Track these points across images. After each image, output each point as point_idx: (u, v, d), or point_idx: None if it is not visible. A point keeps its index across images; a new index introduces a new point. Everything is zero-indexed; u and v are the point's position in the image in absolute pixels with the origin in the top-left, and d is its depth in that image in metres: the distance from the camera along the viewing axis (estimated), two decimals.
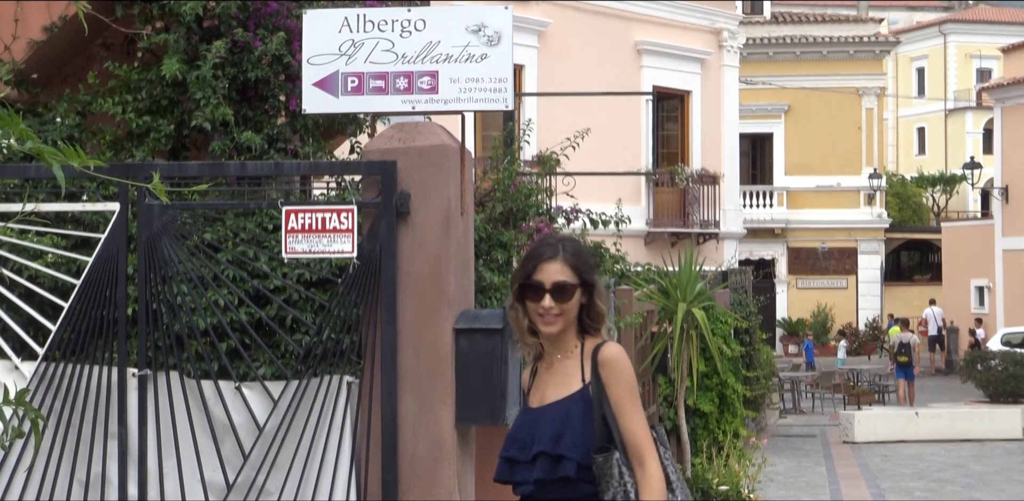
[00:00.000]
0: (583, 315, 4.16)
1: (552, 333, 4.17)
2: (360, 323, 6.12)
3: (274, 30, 7.53)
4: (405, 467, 6.06)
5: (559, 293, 4.09)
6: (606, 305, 4.15)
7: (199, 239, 6.34)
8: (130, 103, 7.52)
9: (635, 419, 4.02)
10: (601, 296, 4.13)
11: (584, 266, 4.14)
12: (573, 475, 4.02)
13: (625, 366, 4.07)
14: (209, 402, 6.16)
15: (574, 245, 4.21)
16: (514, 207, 7.85)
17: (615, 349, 4.10)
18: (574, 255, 4.14)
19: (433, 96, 6.26)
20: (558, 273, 4.10)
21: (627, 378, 4.06)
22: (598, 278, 4.14)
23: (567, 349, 4.16)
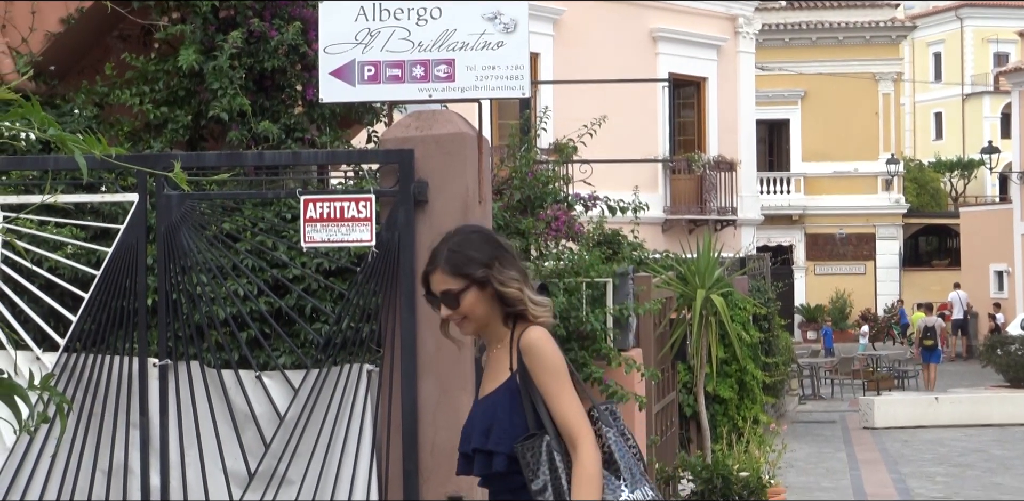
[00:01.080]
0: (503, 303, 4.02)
1: (468, 334, 4.14)
2: (379, 311, 6.13)
3: (290, 20, 7.55)
4: (425, 455, 6.07)
5: (448, 301, 4.01)
6: (521, 284, 3.95)
7: (218, 229, 6.35)
8: (147, 94, 7.54)
9: (563, 402, 3.86)
10: (505, 281, 3.94)
11: (465, 264, 3.97)
12: (503, 469, 3.92)
13: (545, 349, 3.90)
14: (230, 391, 6.18)
15: (456, 243, 4.04)
16: (532, 195, 7.86)
17: (534, 334, 3.93)
18: (450, 258, 3.99)
19: (450, 84, 6.26)
20: (441, 283, 4.01)
21: (549, 361, 3.89)
22: (494, 264, 3.94)
23: (499, 339, 4.05)
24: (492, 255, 3.97)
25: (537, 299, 3.97)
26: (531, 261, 7.55)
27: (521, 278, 3.97)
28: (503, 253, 3.99)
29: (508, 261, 3.98)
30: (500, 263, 3.96)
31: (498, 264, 3.96)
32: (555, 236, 8.09)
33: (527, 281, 4.00)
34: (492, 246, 4.00)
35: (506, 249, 4.02)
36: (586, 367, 7.37)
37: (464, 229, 4.24)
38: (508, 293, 3.95)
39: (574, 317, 7.34)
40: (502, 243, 4.04)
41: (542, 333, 3.91)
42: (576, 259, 7.72)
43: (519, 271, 3.99)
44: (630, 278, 8.01)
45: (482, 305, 4.00)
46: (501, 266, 3.96)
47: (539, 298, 3.99)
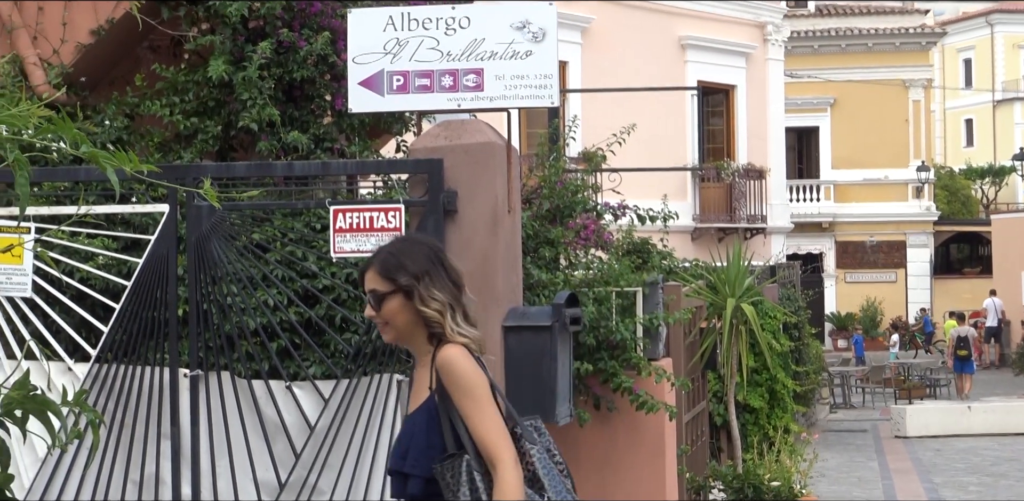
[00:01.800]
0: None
1: (388, 341, 4.05)
2: None
3: (319, 30, 7.56)
4: None
5: (374, 302, 3.89)
6: (444, 307, 3.81)
7: (247, 239, 6.37)
8: (177, 105, 7.56)
9: (480, 421, 3.74)
10: (427, 299, 3.81)
11: (394, 269, 3.85)
12: (418, 493, 3.82)
13: (459, 368, 3.77)
14: (260, 402, 6.19)
15: (395, 247, 3.95)
16: (561, 204, 7.84)
17: (448, 352, 3.80)
18: (384, 260, 3.89)
19: (478, 93, 6.26)
20: (371, 281, 3.90)
21: (463, 380, 3.76)
22: (423, 279, 3.82)
23: (422, 355, 3.93)
24: (424, 269, 3.83)
25: (462, 328, 3.84)
26: (560, 271, 7.53)
27: (448, 301, 3.83)
28: (438, 272, 3.85)
29: (439, 281, 3.83)
30: (430, 279, 3.82)
31: (427, 280, 3.82)
32: (584, 245, 8.07)
33: (458, 308, 3.86)
34: (430, 262, 3.86)
35: (445, 269, 3.88)
36: (616, 377, 7.34)
37: (416, 238, 4.17)
38: (426, 313, 3.82)
39: (604, 327, 7.32)
40: (444, 263, 3.90)
41: (458, 351, 3.79)
42: (606, 268, 7.70)
43: (450, 294, 3.84)
44: (660, 287, 7.99)
45: (404, 315, 3.87)
46: (430, 283, 3.82)
47: (465, 327, 3.85)
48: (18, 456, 6.25)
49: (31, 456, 6.27)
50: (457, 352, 3.78)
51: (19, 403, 1.94)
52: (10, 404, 1.94)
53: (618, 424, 7.64)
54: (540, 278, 7.19)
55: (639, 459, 7.65)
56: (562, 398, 6.24)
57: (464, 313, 3.88)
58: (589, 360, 7.32)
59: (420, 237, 4.21)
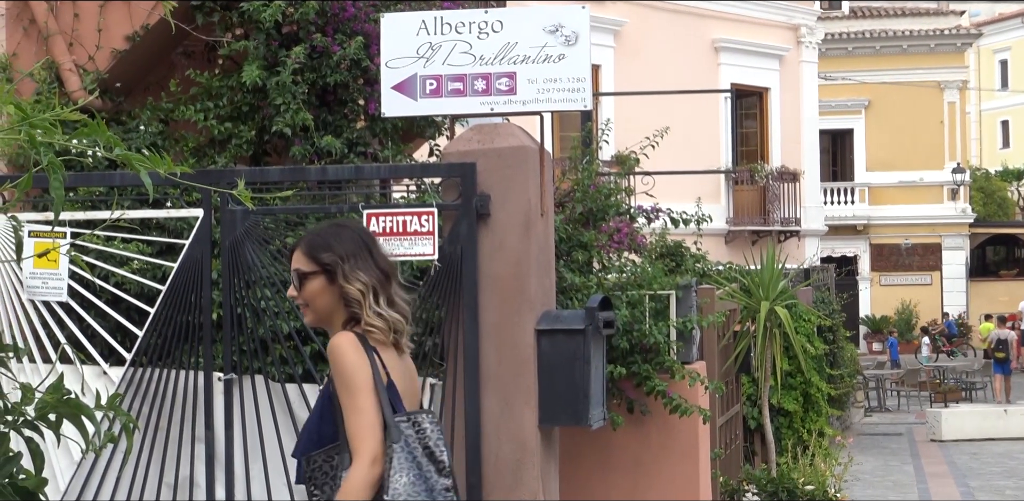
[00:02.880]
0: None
1: (308, 323, 4.04)
2: (442, 325, 6.14)
3: (352, 34, 7.58)
4: (489, 468, 6.06)
5: (298, 281, 3.90)
6: (367, 289, 3.80)
7: (281, 243, 6.39)
8: (211, 110, 7.60)
9: (350, 413, 3.64)
10: (351, 278, 3.79)
11: (319, 249, 3.86)
12: (300, 481, 3.80)
13: (340, 357, 3.70)
14: (294, 405, 6.20)
15: (323, 230, 3.94)
16: (594, 207, 7.83)
17: (336, 340, 3.77)
18: (310, 241, 3.91)
19: (511, 97, 6.26)
20: (296, 261, 3.92)
21: (342, 369, 3.69)
22: (348, 260, 3.81)
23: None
24: (351, 252, 3.83)
25: (381, 309, 3.79)
26: (594, 274, 7.52)
27: (372, 284, 3.80)
28: (364, 256, 3.83)
29: (364, 264, 3.82)
30: (355, 261, 3.81)
31: (352, 261, 3.81)
32: (618, 248, 8.06)
33: (382, 293, 3.83)
34: (357, 246, 3.85)
35: (372, 255, 3.87)
36: (649, 380, 7.33)
37: (346, 223, 4.14)
38: (348, 290, 3.79)
39: (637, 330, 7.30)
40: (372, 249, 3.89)
41: (346, 340, 3.73)
42: (639, 271, 7.69)
43: (375, 278, 3.82)
44: (693, 290, 7.97)
45: (325, 298, 3.87)
46: (355, 264, 3.81)
47: (385, 310, 3.80)
48: (53, 459, 6.29)
49: (67, 459, 6.31)
50: (344, 340, 3.72)
51: (53, 407, 1.96)
52: (44, 408, 1.95)
53: (651, 427, 7.63)
54: (573, 281, 7.18)
55: (672, 462, 7.63)
56: (595, 401, 6.23)
57: (389, 299, 3.83)
58: (622, 363, 7.31)
59: (351, 222, 4.16)
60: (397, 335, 3.86)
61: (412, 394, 3.94)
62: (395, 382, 3.76)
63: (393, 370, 3.79)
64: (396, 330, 3.85)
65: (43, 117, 2.05)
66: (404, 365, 3.91)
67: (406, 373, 3.89)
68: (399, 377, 3.81)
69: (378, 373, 3.70)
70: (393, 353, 3.84)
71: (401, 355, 3.92)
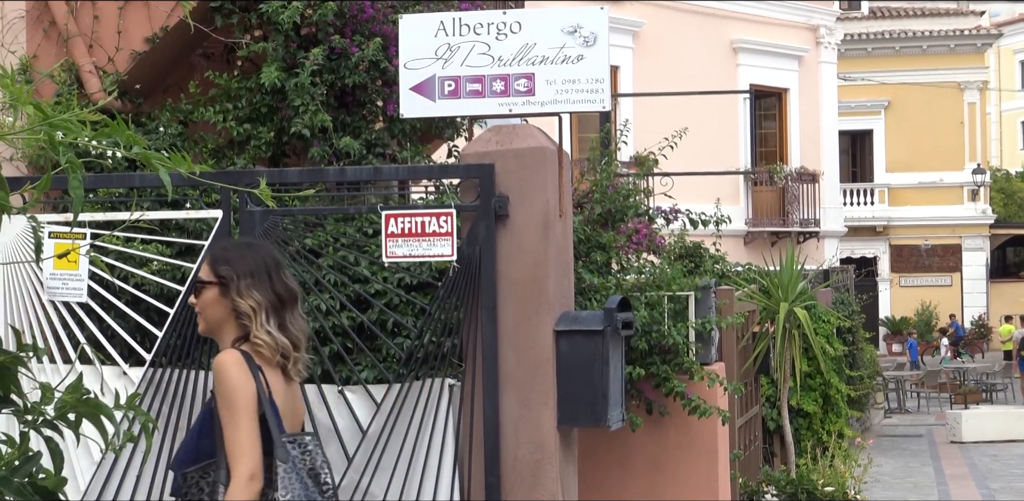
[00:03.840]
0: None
1: (200, 331, 4.08)
2: (460, 326, 6.14)
3: (370, 36, 7.60)
4: (508, 469, 6.07)
5: (196, 290, 4.01)
6: (259, 308, 3.86)
7: (300, 245, 6.40)
8: (230, 111, 7.62)
9: (229, 432, 3.69)
10: (243, 293, 3.86)
11: (220, 262, 3.94)
12: (175, 492, 3.86)
13: (222, 374, 3.76)
14: (313, 406, 6.21)
15: (232, 245, 4.06)
16: (612, 208, 7.83)
17: (220, 357, 3.83)
18: (216, 253, 4.01)
19: (530, 98, 6.26)
20: (201, 270, 4.04)
21: (225, 387, 3.73)
22: (244, 276, 3.88)
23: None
24: (249, 271, 3.89)
25: (270, 328, 3.84)
26: (612, 275, 7.52)
27: (264, 305, 3.86)
28: (262, 278, 3.89)
29: (261, 286, 3.87)
30: (252, 280, 3.88)
31: (249, 280, 3.88)
32: (636, 249, 8.06)
33: (274, 316, 3.87)
34: (257, 267, 3.91)
35: (272, 280, 3.92)
36: (668, 381, 7.32)
37: (260, 246, 4.18)
38: (239, 304, 3.86)
39: (656, 331, 7.30)
40: (274, 274, 3.94)
41: (231, 357, 3.78)
42: (657, 272, 7.68)
43: (268, 301, 3.87)
44: (712, 291, 7.96)
45: (216, 309, 3.94)
46: (250, 284, 3.87)
47: (275, 331, 3.84)
48: (74, 459, 6.31)
49: (87, 459, 6.33)
50: (229, 358, 3.77)
51: (72, 406, 1.97)
52: (64, 407, 1.96)
53: (670, 428, 7.63)
54: (592, 282, 7.19)
55: (691, 464, 7.63)
56: (614, 402, 6.23)
57: (281, 323, 3.87)
58: (641, 364, 7.31)
59: (262, 246, 4.20)
60: (285, 359, 3.88)
61: (294, 418, 4.00)
62: (278, 402, 3.80)
63: (276, 392, 3.83)
64: (284, 354, 3.88)
65: (63, 117, 2.06)
66: (289, 390, 3.95)
67: (289, 397, 3.93)
68: (281, 399, 3.84)
69: (263, 391, 3.75)
70: (279, 376, 3.88)
71: (288, 382, 3.96)
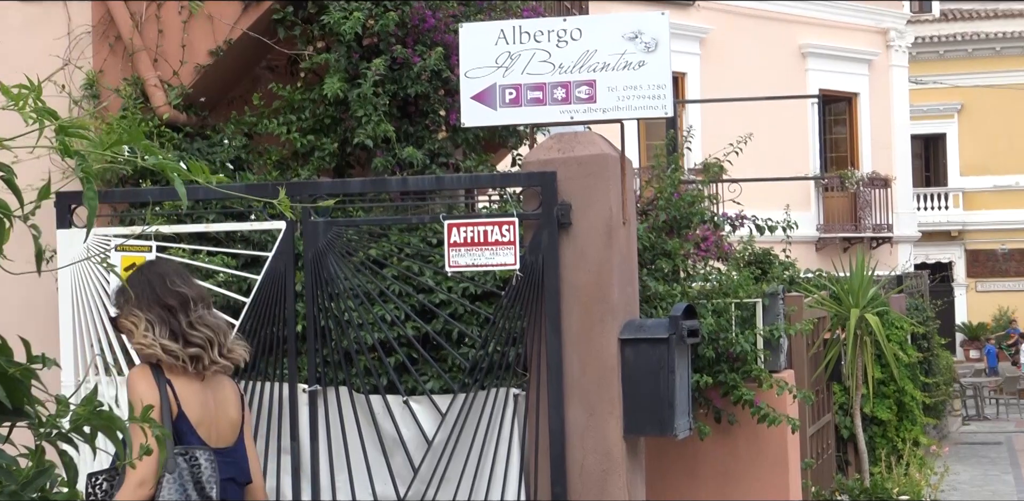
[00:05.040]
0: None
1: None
2: (524, 335, 6.11)
3: (432, 45, 7.59)
4: (574, 479, 6.02)
5: (115, 328, 4.26)
6: (139, 321, 4.01)
7: (364, 255, 6.40)
8: (294, 123, 7.64)
9: (131, 439, 3.69)
10: (124, 312, 4.04)
11: (117, 296, 4.13)
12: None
13: (129, 387, 3.94)
14: (378, 416, 6.21)
15: (129, 276, 4.16)
16: (677, 215, 7.76)
17: (130, 372, 4.03)
18: (116, 291, 4.19)
19: (591, 105, 6.22)
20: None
21: (130, 398, 3.90)
22: (129, 300, 4.04)
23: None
24: (133, 292, 4.03)
25: (156, 340, 3.94)
26: (678, 283, 7.45)
27: (147, 318, 3.98)
28: (146, 292, 4.02)
29: (144, 300, 4.00)
30: (137, 299, 4.01)
31: (134, 300, 4.01)
32: (703, 257, 7.99)
33: (161, 326, 3.98)
34: (140, 284, 4.05)
35: (156, 291, 4.04)
36: (736, 389, 7.24)
37: (148, 263, 4.31)
38: (121, 324, 4.05)
39: (723, 339, 7.23)
40: (156, 286, 4.06)
41: (136, 372, 3.94)
42: (724, 279, 7.60)
43: (153, 313, 3.98)
44: (780, 298, 7.86)
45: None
46: (135, 303, 4.00)
47: (166, 341, 3.94)
48: None
49: None
50: (135, 373, 3.93)
51: (87, 419, 1.95)
52: (79, 420, 1.95)
53: (739, 437, 7.54)
54: (657, 290, 7.12)
55: (762, 473, 7.54)
56: (681, 411, 6.16)
57: (176, 331, 3.97)
58: (709, 372, 7.23)
59: (150, 262, 4.33)
60: (196, 363, 3.96)
61: (216, 421, 4.03)
62: (188, 413, 3.89)
63: (188, 401, 3.91)
64: (193, 358, 3.96)
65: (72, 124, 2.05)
66: (208, 393, 4.01)
67: (209, 402, 4.00)
68: (196, 407, 3.93)
69: (167, 404, 3.84)
70: (194, 383, 3.96)
71: (207, 382, 4.02)
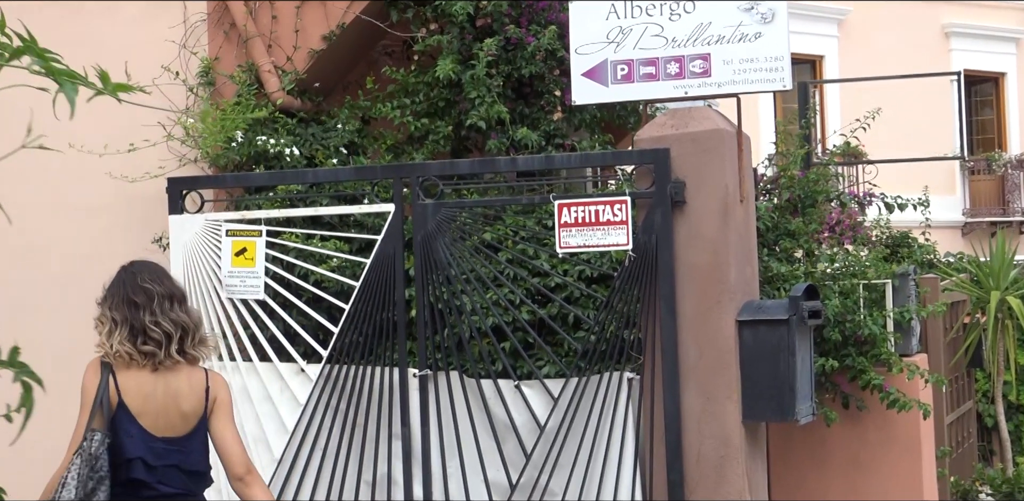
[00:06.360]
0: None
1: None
2: (638, 317, 5.93)
3: (546, 25, 7.44)
4: (691, 465, 5.83)
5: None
6: (107, 321, 4.24)
7: (477, 238, 6.28)
8: (408, 106, 7.55)
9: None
10: (99, 315, 4.27)
11: (101, 298, 4.35)
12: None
13: (83, 376, 4.21)
14: (489, 401, 6.08)
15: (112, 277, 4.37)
16: (802, 194, 7.49)
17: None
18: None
19: (706, 80, 6.02)
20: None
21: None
22: (105, 301, 4.29)
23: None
24: (108, 292, 4.29)
25: (113, 340, 4.17)
26: (801, 263, 7.19)
27: (113, 317, 4.20)
28: (117, 292, 4.26)
29: (115, 301, 4.23)
30: (109, 299, 4.26)
31: (106, 300, 4.27)
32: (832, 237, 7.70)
33: (123, 325, 4.18)
34: (114, 284, 4.29)
35: (126, 289, 4.25)
36: (865, 373, 6.96)
37: (127, 264, 4.41)
38: (95, 322, 4.27)
39: (850, 321, 6.95)
40: (127, 284, 4.26)
41: (89, 363, 4.20)
42: (850, 260, 7.31)
43: (120, 312, 4.21)
44: (911, 279, 7.55)
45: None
46: (107, 305, 4.25)
47: (124, 342, 4.17)
48: (255, 458, 6.32)
49: (267, 456, 6.32)
50: (88, 363, 4.21)
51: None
52: None
53: (869, 423, 7.26)
54: (779, 271, 6.88)
55: (892, 460, 7.24)
56: (802, 396, 5.93)
57: (136, 328, 4.18)
58: (835, 356, 6.97)
59: (131, 263, 4.45)
60: (150, 357, 4.17)
61: (164, 412, 4.18)
62: (128, 402, 4.11)
63: (131, 391, 4.13)
64: (146, 354, 4.17)
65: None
66: (158, 385, 4.18)
67: (156, 393, 4.17)
68: (138, 397, 4.13)
69: (106, 394, 4.10)
70: (142, 376, 4.15)
71: (159, 375, 4.19)
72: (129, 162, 7.21)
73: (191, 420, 4.21)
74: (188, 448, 4.20)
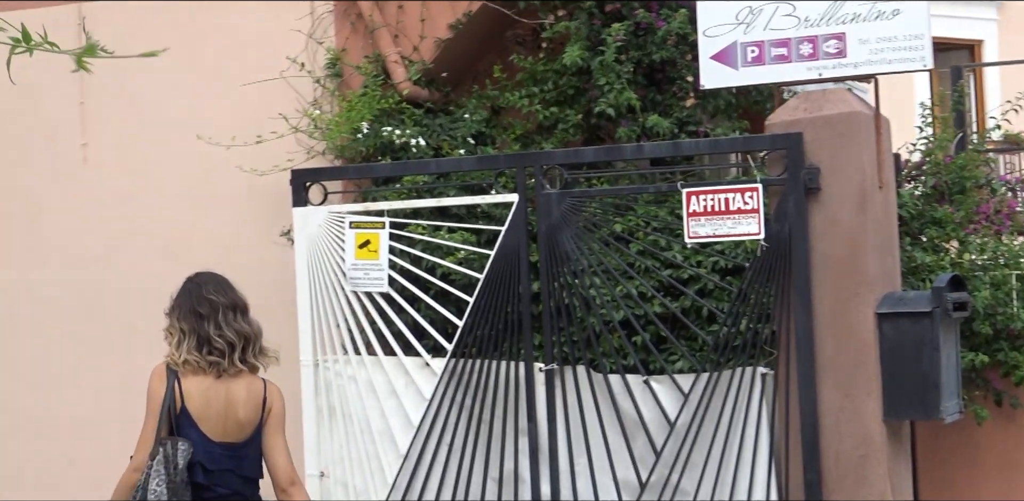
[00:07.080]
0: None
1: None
2: (772, 310, 5.67)
3: (677, 8, 7.20)
4: (829, 465, 5.56)
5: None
6: (175, 330, 4.41)
7: (607, 229, 6.09)
8: (537, 95, 7.39)
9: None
10: (169, 326, 4.43)
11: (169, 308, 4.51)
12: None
13: (148, 382, 4.36)
14: (617, 397, 5.89)
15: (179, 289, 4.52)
16: (949, 180, 7.12)
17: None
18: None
19: (841, 60, 5.75)
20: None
21: (146, 392, 4.36)
22: (173, 311, 4.45)
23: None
24: (175, 303, 4.46)
25: (179, 351, 4.35)
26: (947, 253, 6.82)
27: (182, 328, 4.37)
28: (184, 303, 4.43)
29: (181, 311, 4.41)
30: (176, 310, 4.43)
31: (174, 311, 4.44)
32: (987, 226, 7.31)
33: (191, 335, 4.35)
34: (182, 295, 4.47)
35: (193, 300, 4.42)
36: (1018, 369, 6.58)
37: (194, 274, 4.57)
38: (165, 332, 4.45)
39: (1002, 313, 6.58)
40: (194, 295, 4.42)
41: (154, 368, 4.37)
42: (1003, 249, 6.93)
43: (187, 323, 4.37)
44: None
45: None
46: (173, 314, 4.44)
47: (183, 353, 4.34)
48: (380, 452, 6.22)
49: (393, 453, 6.22)
50: (153, 369, 4.37)
51: None
52: None
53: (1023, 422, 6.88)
54: (923, 261, 6.55)
55: None
56: (948, 392, 5.61)
57: (202, 338, 4.34)
58: (986, 351, 6.60)
59: (196, 274, 4.59)
60: (215, 366, 4.33)
61: (223, 418, 4.33)
62: (190, 408, 4.27)
63: (194, 397, 4.29)
64: (212, 364, 4.33)
65: None
66: (220, 392, 4.33)
67: (217, 400, 4.32)
68: (200, 403, 4.29)
69: (171, 399, 4.27)
70: (205, 382, 4.31)
71: (222, 382, 4.34)
72: (259, 155, 7.19)
73: (247, 428, 4.35)
74: (243, 454, 4.34)
